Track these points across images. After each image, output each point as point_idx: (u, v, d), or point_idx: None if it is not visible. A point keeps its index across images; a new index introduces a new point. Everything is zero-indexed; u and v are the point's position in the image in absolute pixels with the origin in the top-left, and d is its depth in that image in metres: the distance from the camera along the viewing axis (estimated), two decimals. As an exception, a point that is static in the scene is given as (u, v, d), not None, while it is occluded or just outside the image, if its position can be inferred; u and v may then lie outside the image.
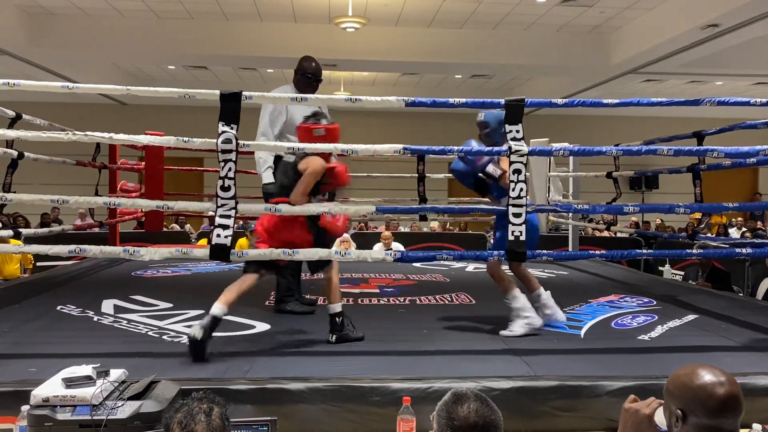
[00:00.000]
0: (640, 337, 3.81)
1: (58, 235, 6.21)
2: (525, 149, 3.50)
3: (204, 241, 9.29)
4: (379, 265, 6.42)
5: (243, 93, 3.41)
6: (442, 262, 6.46)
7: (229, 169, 3.36)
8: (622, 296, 5.09)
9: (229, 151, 3.36)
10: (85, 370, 2.48)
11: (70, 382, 2.41)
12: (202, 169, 10.51)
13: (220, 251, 3.38)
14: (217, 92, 3.41)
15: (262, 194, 4.21)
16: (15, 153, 4.68)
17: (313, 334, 3.76)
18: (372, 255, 3.70)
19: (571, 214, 7.44)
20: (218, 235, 3.38)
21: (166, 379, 2.66)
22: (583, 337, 3.87)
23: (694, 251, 4.61)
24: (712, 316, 4.42)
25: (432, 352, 3.45)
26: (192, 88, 3.73)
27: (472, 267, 6.64)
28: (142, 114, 15.72)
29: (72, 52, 11.06)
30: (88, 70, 12.47)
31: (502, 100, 3.56)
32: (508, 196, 3.52)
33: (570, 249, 7.98)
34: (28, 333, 3.75)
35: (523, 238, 3.50)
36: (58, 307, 4.38)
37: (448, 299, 4.93)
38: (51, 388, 2.40)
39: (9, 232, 4.92)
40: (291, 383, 2.85)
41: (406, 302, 4.82)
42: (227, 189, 3.36)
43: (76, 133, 3.65)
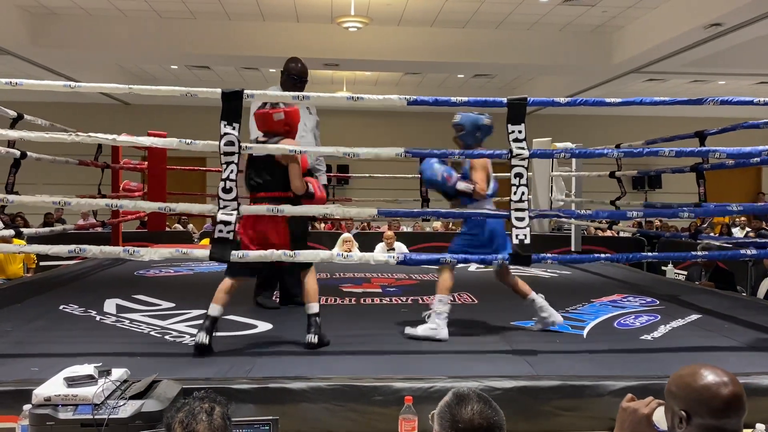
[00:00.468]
0: (642, 337, 3.81)
1: (60, 234, 6.20)
2: (526, 153, 3.48)
3: (206, 241, 9.28)
4: (382, 265, 6.41)
5: (245, 91, 3.41)
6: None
7: (231, 171, 3.37)
8: (624, 296, 5.08)
9: (232, 154, 3.36)
10: (87, 369, 2.48)
11: (71, 382, 2.41)
12: (204, 168, 10.50)
13: (221, 249, 3.39)
14: (219, 91, 3.41)
15: None
16: (18, 153, 4.68)
17: (314, 334, 3.75)
18: (375, 257, 3.67)
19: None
20: (220, 231, 3.39)
21: (168, 379, 2.67)
22: (585, 336, 3.86)
23: (699, 253, 4.60)
24: (715, 316, 4.41)
25: (434, 352, 3.45)
26: (194, 87, 3.72)
27: (474, 266, 6.63)
28: (145, 114, 15.70)
29: (74, 52, 11.05)
30: (90, 70, 12.47)
31: (505, 99, 3.55)
32: (510, 200, 3.52)
33: (573, 248, 7.98)
34: (30, 332, 3.76)
35: (527, 242, 3.49)
36: (61, 307, 4.38)
37: (451, 299, 4.91)
38: (53, 388, 2.41)
39: (11, 231, 4.92)
40: (293, 382, 2.85)
41: (409, 302, 4.82)
42: (229, 191, 3.38)
43: (80, 134, 3.65)
